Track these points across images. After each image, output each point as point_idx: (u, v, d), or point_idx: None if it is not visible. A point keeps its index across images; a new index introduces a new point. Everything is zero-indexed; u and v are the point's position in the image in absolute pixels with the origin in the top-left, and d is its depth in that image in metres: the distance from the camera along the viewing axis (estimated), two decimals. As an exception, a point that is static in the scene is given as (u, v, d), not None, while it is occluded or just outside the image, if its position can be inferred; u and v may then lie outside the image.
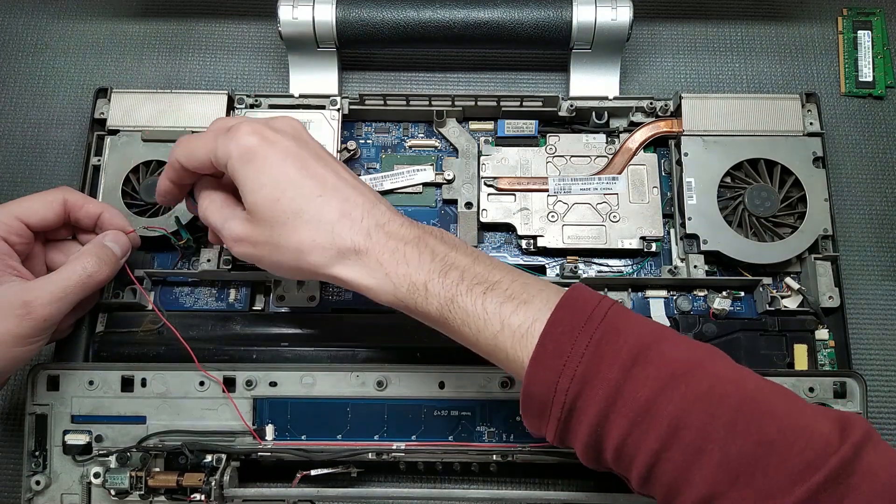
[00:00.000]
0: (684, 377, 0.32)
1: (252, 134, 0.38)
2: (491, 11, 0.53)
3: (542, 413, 0.35)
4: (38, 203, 0.44)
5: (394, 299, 0.37)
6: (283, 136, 0.39)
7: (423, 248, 0.37)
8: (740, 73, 0.59)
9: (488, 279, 0.36)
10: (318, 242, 0.37)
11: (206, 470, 0.44)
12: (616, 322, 0.34)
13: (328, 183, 0.38)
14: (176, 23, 0.60)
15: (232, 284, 0.51)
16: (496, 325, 0.35)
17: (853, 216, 0.54)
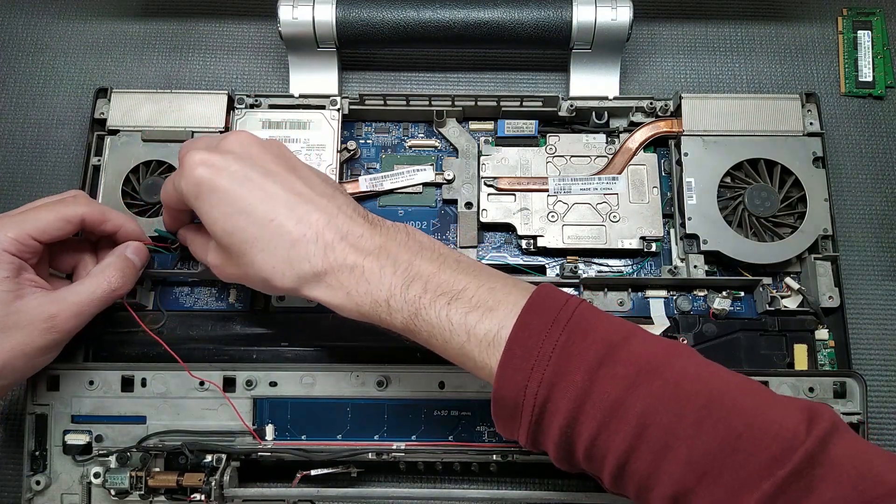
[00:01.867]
0: (651, 374, 0.32)
1: (198, 166, 0.38)
2: (491, 11, 0.53)
3: (513, 417, 0.35)
4: (54, 221, 0.42)
5: (359, 316, 0.37)
6: (231, 159, 0.38)
7: (384, 260, 0.37)
8: (740, 73, 0.59)
9: (453, 287, 0.36)
10: (277, 269, 0.37)
11: (206, 470, 0.44)
12: (583, 322, 0.34)
13: (279, 202, 0.37)
14: (176, 23, 0.60)
15: (232, 284, 0.51)
16: (462, 336, 0.35)
17: (853, 216, 0.54)
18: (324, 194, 0.39)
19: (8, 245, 0.41)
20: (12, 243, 0.41)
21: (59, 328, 0.41)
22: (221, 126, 0.52)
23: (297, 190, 0.38)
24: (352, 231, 0.37)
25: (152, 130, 0.52)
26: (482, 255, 0.52)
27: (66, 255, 0.46)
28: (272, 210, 0.37)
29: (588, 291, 0.50)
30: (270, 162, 0.39)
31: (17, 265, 0.41)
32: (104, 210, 0.45)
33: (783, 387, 0.45)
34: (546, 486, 0.48)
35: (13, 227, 0.41)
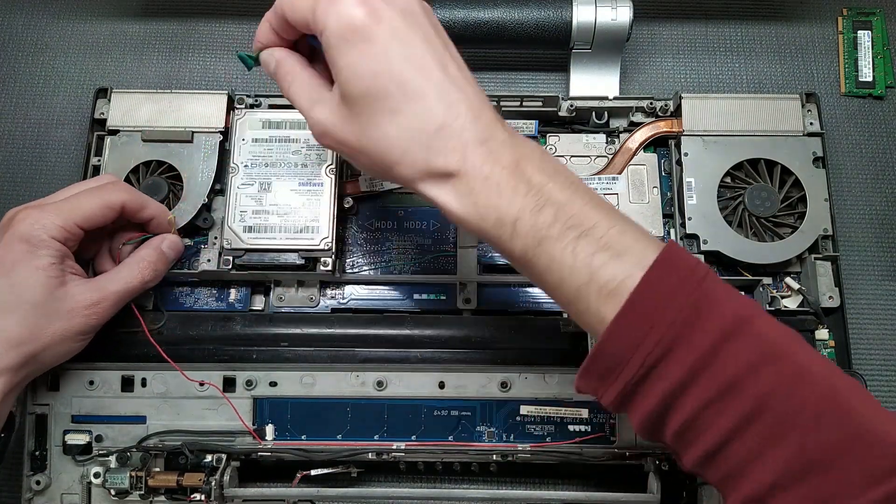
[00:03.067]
0: (775, 358, 0.30)
1: (358, 4, 0.33)
2: (491, 11, 0.53)
3: (608, 374, 0.32)
4: (98, 208, 0.43)
5: (477, 230, 0.34)
6: (396, 11, 0.33)
7: (519, 177, 0.33)
8: (740, 73, 0.59)
9: (583, 222, 0.32)
10: (409, 155, 0.33)
11: (206, 470, 0.44)
12: (710, 292, 0.31)
13: (433, 80, 0.33)
14: (176, 23, 0.60)
15: (232, 284, 0.51)
16: (583, 277, 0.32)
17: (853, 216, 0.54)
18: (472, 83, 0.35)
19: (55, 232, 0.41)
20: (59, 231, 0.41)
21: (99, 315, 0.43)
22: (221, 126, 0.52)
23: (450, 72, 0.34)
24: (494, 136, 0.34)
25: (152, 130, 0.52)
26: (482, 254, 0.52)
27: (90, 242, 0.46)
28: (425, 85, 0.33)
29: (588, 291, 0.50)
30: (431, 29, 0.35)
31: (62, 252, 0.42)
32: (143, 198, 0.46)
33: (783, 387, 0.45)
34: (546, 486, 0.48)
35: (59, 214, 0.42)
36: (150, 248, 0.46)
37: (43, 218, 0.41)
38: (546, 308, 0.50)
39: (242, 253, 0.49)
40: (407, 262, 0.52)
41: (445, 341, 0.49)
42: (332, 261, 0.49)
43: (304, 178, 0.50)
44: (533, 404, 0.46)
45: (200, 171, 0.51)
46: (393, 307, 0.51)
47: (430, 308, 0.51)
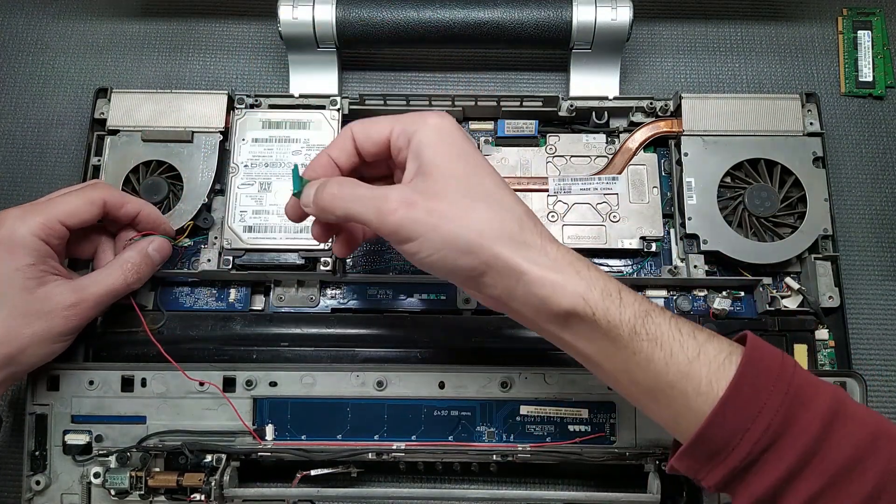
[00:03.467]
0: (888, 437, 0.31)
1: (439, 116, 0.37)
2: (491, 11, 0.53)
3: (712, 457, 0.32)
4: (79, 204, 0.43)
5: (579, 302, 0.33)
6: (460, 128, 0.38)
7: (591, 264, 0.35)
8: (740, 73, 0.59)
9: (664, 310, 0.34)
10: (501, 224, 0.34)
11: (206, 470, 0.44)
12: (802, 377, 0.32)
13: (499, 179, 0.37)
14: (176, 23, 0.60)
15: (232, 284, 0.51)
16: (692, 350, 0.32)
17: (853, 216, 0.54)
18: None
19: (38, 229, 0.41)
20: (42, 228, 0.41)
21: (79, 316, 0.42)
22: (221, 126, 0.52)
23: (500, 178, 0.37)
24: (546, 232, 0.36)
25: (152, 130, 0.52)
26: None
27: (86, 242, 0.47)
28: (497, 181, 0.36)
29: (588, 291, 0.50)
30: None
31: (43, 251, 0.42)
32: (123, 194, 0.46)
33: (783, 387, 0.45)
34: (546, 486, 0.48)
35: (41, 212, 0.42)
36: (135, 251, 0.45)
37: (24, 216, 0.41)
38: (546, 308, 0.50)
39: (242, 253, 0.49)
40: (407, 262, 0.52)
41: (445, 341, 0.49)
42: (332, 261, 0.49)
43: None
44: (533, 404, 0.46)
45: (200, 171, 0.51)
46: (393, 307, 0.51)
47: (430, 308, 0.51)
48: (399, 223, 0.34)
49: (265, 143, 0.51)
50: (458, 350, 0.48)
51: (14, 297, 0.41)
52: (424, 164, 0.36)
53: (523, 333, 0.49)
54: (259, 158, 0.50)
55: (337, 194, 0.37)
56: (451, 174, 0.35)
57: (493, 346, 0.48)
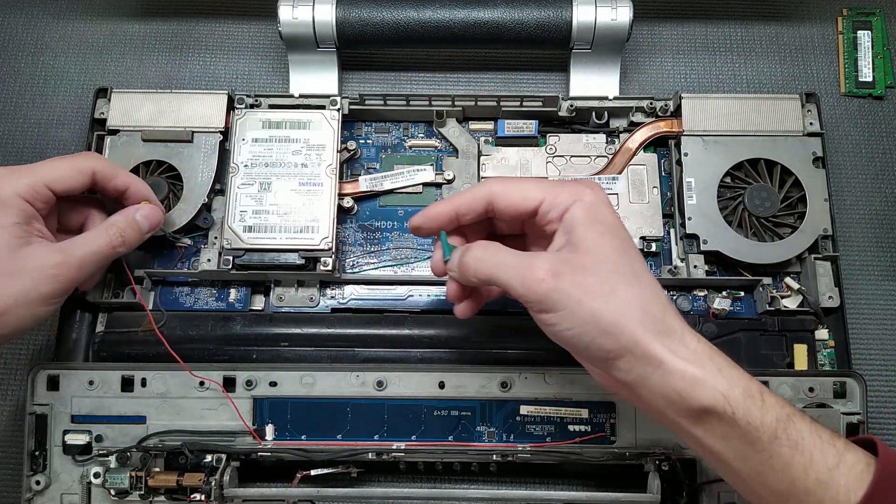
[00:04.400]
0: None
1: (597, 193, 0.37)
2: (491, 11, 0.53)
3: None
4: (68, 171, 0.43)
5: (719, 400, 0.32)
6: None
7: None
8: (740, 73, 0.59)
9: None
10: (645, 307, 0.34)
11: (206, 470, 0.44)
12: None
13: (645, 262, 0.37)
14: (176, 23, 0.60)
15: (232, 284, 0.51)
16: (832, 458, 0.32)
17: (853, 216, 0.54)
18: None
19: (22, 190, 0.41)
20: (27, 189, 0.41)
21: (63, 277, 0.41)
22: (221, 126, 0.52)
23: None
24: (684, 320, 0.35)
25: (152, 130, 0.52)
26: (482, 255, 0.52)
27: (76, 213, 0.46)
28: (643, 262, 0.36)
29: (588, 291, 0.50)
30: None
31: (28, 213, 0.41)
32: (114, 167, 0.45)
33: (783, 387, 0.46)
34: (546, 486, 0.48)
35: (28, 174, 0.42)
36: (122, 216, 0.45)
37: (9, 176, 0.41)
38: (546, 308, 0.50)
39: (242, 253, 0.49)
40: (407, 262, 0.52)
41: (445, 341, 0.49)
42: (332, 260, 0.49)
43: (304, 178, 0.50)
44: (533, 404, 0.46)
45: (200, 171, 0.51)
46: (393, 307, 0.51)
47: (430, 308, 0.51)
48: (545, 293, 0.34)
49: (265, 143, 0.51)
50: (458, 350, 0.48)
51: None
52: (575, 238, 0.36)
53: (523, 333, 0.49)
54: (259, 158, 0.50)
55: (481, 258, 0.37)
56: (601, 251, 0.35)
57: (493, 346, 0.48)
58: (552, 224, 0.37)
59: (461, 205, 0.39)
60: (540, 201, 0.37)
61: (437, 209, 0.40)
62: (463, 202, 0.39)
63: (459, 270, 0.38)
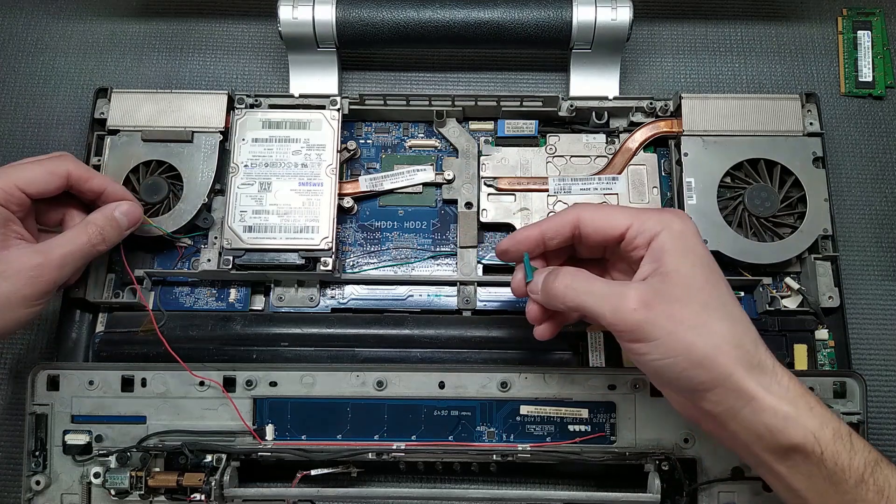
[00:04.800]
0: None
1: (685, 222, 0.37)
2: (491, 11, 0.53)
3: None
4: (41, 174, 0.43)
5: (809, 439, 0.32)
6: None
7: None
8: (740, 73, 0.59)
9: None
10: (738, 342, 0.34)
11: (206, 470, 0.44)
12: None
13: (733, 293, 0.37)
14: (176, 23, 0.60)
15: (232, 284, 0.51)
16: None
17: (853, 216, 0.54)
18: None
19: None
20: (1, 194, 0.41)
21: (44, 278, 0.41)
22: (221, 126, 0.52)
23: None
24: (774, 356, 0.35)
25: (152, 130, 0.52)
26: (482, 254, 0.52)
27: (54, 211, 0.46)
28: (732, 294, 0.36)
29: (588, 291, 0.50)
30: None
31: (3, 215, 0.41)
32: (89, 169, 0.45)
33: (783, 387, 0.45)
34: (546, 486, 0.48)
35: (0, 178, 0.41)
36: (100, 213, 0.45)
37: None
38: (546, 308, 0.50)
39: (242, 253, 0.49)
40: (407, 262, 0.52)
41: (445, 341, 0.49)
42: (332, 260, 0.49)
43: (304, 178, 0.50)
44: (533, 404, 0.46)
45: (200, 171, 0.51)
46: (393, 307, 0.51)
47: (430, 308, 0.51)
48: (637, 324, 0.34)
49: (265, 143, 0.51)
50: (458, 350, 0.48)
51: None
52: (665, 268, 0.36)
53: (524, 334, 0.49)
54: (259, 158, 0.50)
55: (570, 285, 0.37)
56: (692, 282, 0.35)
57: (493, 346, 0.48)
58: (638, 250, 0.38)
59: (548, 230, 0.40)
60: (627, 227, 0.38)
61: (525, 234, 0.40)
62: (550, 227, 0.40)
63: (546, 295, 0.39)
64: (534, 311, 0.41)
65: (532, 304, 0.41)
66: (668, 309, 0.34)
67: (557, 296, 0.38)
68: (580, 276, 0.38)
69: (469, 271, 0.51)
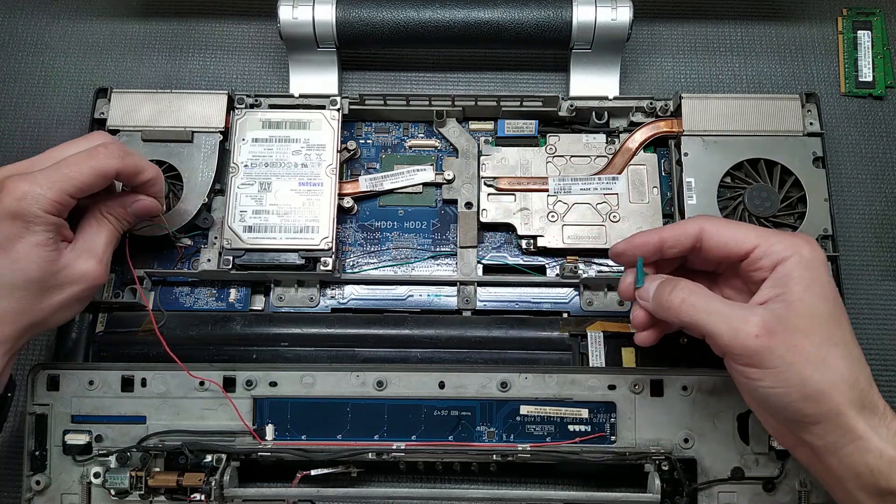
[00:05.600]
0: None
1: (815, 250, 0.37)
2: (491, 11, 0.53)
3: None
4: (90, 177, 0.40)
5: None
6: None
7: None
8: (740, 73, 0.59)
9: None
10: (854, 380, 0.34)
11: (206, 470, 0.44)
12: None
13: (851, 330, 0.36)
14: (176, 23, 0.60)
15: (232, 284, 0.51)
16: None
17: (853, 216, 0.54)
18: None
19: (48, 206, 0.39)
20: (52, 205, 0.39)
21: (102, 279, 0.43)
22: (221, 126, 0.52)
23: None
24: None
25: (152, 130, 0.52)
26: (482, 254, 0.52)
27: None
28: (851, 330, 0.36)
29: (588, 291, 0.50)
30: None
31: (57, 224, 0.40)
32: (138, 161, 0.43)
33: (783, 387, 0.45)
34: (546, 486, 0.48)
35: (51, 187, 0.39)
36: (118, 204, 0.44)
37: (34, 191, 0.39)
38: (546, 308, 0.50)
39: (242, 253, 0.49)
40: (407, 262, 0.52)
41: (445, 341, 0.49)
42: (332, 260, 0.49)
43: (304, 178, 0.50)
44: (533, 404, 0.46)
45: (200, 171, 0.51)
46: (393, 307, 0.51)
47: (430, 308, 0.51)
48: (756, 350, 0.34)
49: (265, 143, 0.51)
50: (458, 350, 0.48)
51: (36, 274, 0.39)
52: (790, 296, 0.35)
53: (524, 334, 0.49)
54: (259, 158, 0.50)
55: (688, 300, 0.37)
56: (816, 314, 0.35)
57: (493, 346, 0.48)
58: (761, 272, 0.37)
59: (669, 237, 0.39)
60: (753, 247, 0.37)
61: (644, 238, 0.40)
62: (671, 235, 0.39)
63: (658, 305, 0.38)
64: (640, 318, 0.41)
65: (638, 310, 0.40)
66: (789, 339, 0.34)
67: (672, 309, 0.37)
68: (698, 292, 0.37)
69: (469, 271, 0.51)
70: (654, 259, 0.41)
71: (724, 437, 0.45)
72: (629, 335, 0.48)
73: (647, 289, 0.39)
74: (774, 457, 0.45)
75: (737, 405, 0.45)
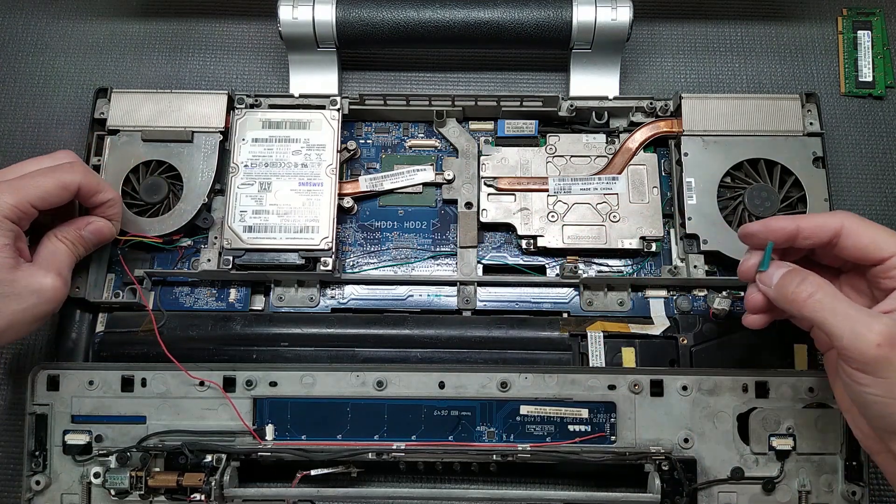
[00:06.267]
0: None
1: None
2: (491, 11, 0.53)
3: None
4: (53, 188, 0.42)
5: None
6: None
7: None
8: (740, 73, 0.59)
9: None
10: None
11: (206, 470, 0.44)
12: None
13: None
14: (176, 23, 0.60)
15: (232, 284, 0.51)
16: None
17: (853, 216, 0.54)
18: None
19: (8, 212, 0.40)
20: (13, 210, 0.40)
21: (62, 295, 0.43)
22: (221, 126, 0.52)
23: None
24: None
25: (152, 130, 0.52)
26: (482, 254, 0.52)
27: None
28: None
29: (588, 291, 0.50)
30: None
31: (15, 232, 0.41)
32: (99, 182, 0.45)
33: (783, 387, 0.45)
34: (546, 486, 0.48)
35: (13, 193, 0.41)
36: (72, 228, 0.44)
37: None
38: (546, 308, 0.50)
39: (242, 253, 0.49)
40: (407, 262, 0.52)
41: (445, 341, 0.49)
42: (332, 260, 0.49)
43: (304, 178, 0.50)
44: (533, 404, 0.46)
45: (200, 171, 0.51)
46: (393, 307, 0.51)
47: (430, 308, 0.51)
48: (875, 358, 0.34)
49: (265, 143, 0.51)
50: (458, 350, 0.48)
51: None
52: None
53: (524, 334, 0.49)
54: (259, 158, 0.50)
55: (815, 296, 0.36)
56: None
57: (493, 346, 0.48)
58: (892, 281, 0.37)
59: (806, 228, 0.39)
60: (891, 255, 0.37)
61: (780, 223, 0.39)
62: (809, 226, 0.39)
63: (780, 295, 0.38)
64: (756, 301, 0.40)
65: (756, 293, 0.40)
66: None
67: (797, 301, 0.37)
68: (827, 289, 0.36)
69: (469, 271, 0.51)
70: (785, 247, 0.40)
71: (724, 437, 0.45)
72: (629, 335, 0.49)
73: (771, 274, 0.39)
74: (774, 457, 0.45)
75: (737, 405, 0.45)
